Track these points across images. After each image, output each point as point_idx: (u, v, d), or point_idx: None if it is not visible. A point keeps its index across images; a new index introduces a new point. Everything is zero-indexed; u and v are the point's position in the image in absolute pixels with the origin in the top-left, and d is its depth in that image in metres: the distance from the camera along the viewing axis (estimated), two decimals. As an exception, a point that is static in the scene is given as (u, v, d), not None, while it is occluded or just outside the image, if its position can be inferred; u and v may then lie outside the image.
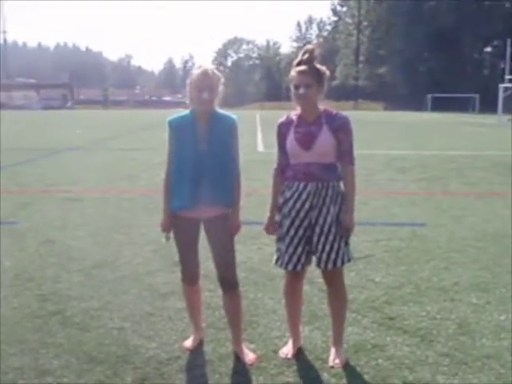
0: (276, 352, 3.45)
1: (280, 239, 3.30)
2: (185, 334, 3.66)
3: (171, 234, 3.37)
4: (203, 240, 3.38)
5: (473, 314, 4.03)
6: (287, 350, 3.44)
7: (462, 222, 6.97)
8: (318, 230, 3.19)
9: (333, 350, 3.37)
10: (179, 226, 3.32)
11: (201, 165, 3.17)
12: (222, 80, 3.24)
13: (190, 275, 3.48)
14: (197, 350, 3.48)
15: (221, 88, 3.21)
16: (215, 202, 3.23)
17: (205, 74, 3.13)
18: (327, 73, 3.19)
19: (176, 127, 3.26)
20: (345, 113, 3.34)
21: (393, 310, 4.10)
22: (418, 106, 62.10)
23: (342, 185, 3.24)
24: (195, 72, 3.17)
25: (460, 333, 3.72)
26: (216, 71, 3.20)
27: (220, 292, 3.46)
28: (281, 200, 3.28)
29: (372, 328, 3.79)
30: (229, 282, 3.35)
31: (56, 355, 3.40)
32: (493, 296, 4.39)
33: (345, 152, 3.19)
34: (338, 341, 3.40)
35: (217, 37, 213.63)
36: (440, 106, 58.37)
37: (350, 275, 4.76)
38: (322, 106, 3.22)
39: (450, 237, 6.22)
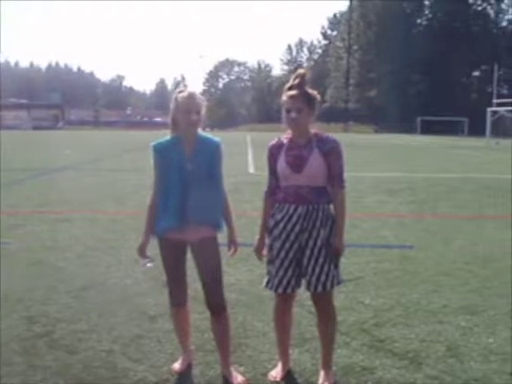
0: (265, 375, 3.44)
1: (270, 262, 3.31)
2: (173, 357, 3.64)
3: (147, 260, 3.38)
4: (191, 261, 3.38)
5: (461, 337, 4.04)
6: (276, 373, 3.43)
7: (451, 245, 7.01)
8: (308, 252, 3.20)
9: (322, 373, 3.37)
10: (166, 249, 3.32)
11: (186, 185, 3.19)
12: (205, 103, 3.28)
13: (178, 298, 3.47)
14: (185, 373, 3.46)
15: (204, 111, 3.25)
16: (201, 222, 3.24)
17: (192, 96, 3.19)
18: (318, 97, 3.24)
19: (161, 150, 3.27)
20: (335, 135, 3.38)
21: (382, 332, 4.11)
22: (407, 128, 62.75)
23: (332, 208, 3.26)
24: (181, 95, 3.20)
25: (449, 355, 3.73)
26: (199, 95, 3.26)
27: (208, 314, 3.45)
28: (271, 222, 3.29)
29: (361, 350, 3.79)
30: (216, 305, 3.34)
31: (44, 378, 3.37)
32: (481, 319, 4.40)
33: (335, 175, 3.22)
34: (327, 363, 3.39)
35: (208, 58, 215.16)
36: (429, 128, 59.03)
37: (339, 297, 4.75)
38: (313, 129, 3.26)
39: (439, 259, 6.25)
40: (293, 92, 3.14)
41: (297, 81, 3.16)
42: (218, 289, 3.33)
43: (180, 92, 3.24)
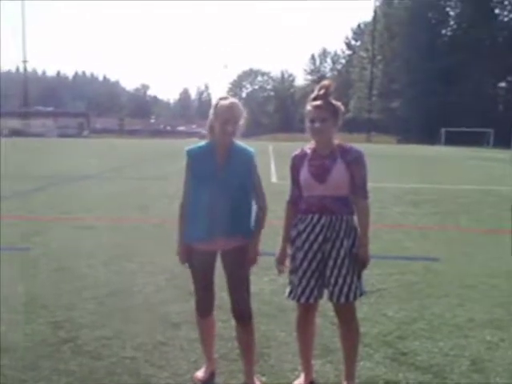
0: (287, 385, 3.44)
1: (293, 272, 3.31)
2: (197, 365, 3.66)
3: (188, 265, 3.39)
4: (218, 270, 3.40)
5: (486, 352, 3.99)
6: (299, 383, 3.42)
7: (474, 258, 6.93)
8: (331, 263, 3.20)
9: (345, 385, 3.35)
10: (195, 258, 3.33)
11: (218, 195, 3.19)
12: (245, 114, 3.28)
13: (205, 307, 3.48)
14: (208, 382, 3.48)
15: (242, 121, 3.25)
16: (232, 233, 3.24)
17: (231, 106, 3.18)
18: (342, 108, 3.25)
19: (194, 157, 3.29)
20: (358, 145, 3.38)
21: (405, 345, 4.08)
22: (431, 139, 62.15)
23: (355, 218, 3.26)
24: (221, 103, 3.18)
25: (473, 370, 3.69)
26: (240, 105, 3.24)
27: (233, 323, 3.47)
28: (294, 233, 3.29)
29: (384, 363, 3.77)
30: (242, 314, 3.35)
31: (68, 383, 3.41)
32: (507, 333, 4.35)
33: (359, 186, 3.22)
34: (350, 376, 3.38)
35: (232, 68, 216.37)
36: (454, 140, 58.37)
37: (362, 309, 4.74)
38: (337, 139, 3.27)
39: (463, 272, 6.18)
40: (318, 102, 3.16)
41: (322, 91, 3.18)
42: (246, 298, 3.35)
43: (221, 99, 3.23)
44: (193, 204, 3.27)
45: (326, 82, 3.25)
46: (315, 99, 3.20)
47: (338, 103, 3.24)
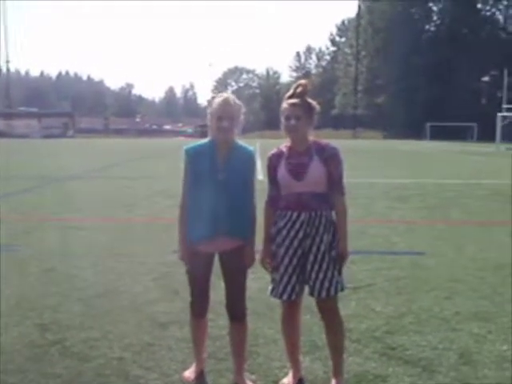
0: (276, 383, 3.43)
1: (274, 269, 3.32)
2: (185, 365, 3.64)
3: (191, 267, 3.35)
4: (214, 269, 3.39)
5: (474, 344, 4.02)
6: (288, 381, 3.42)
7: (462, 251, 6.97)
8: (311, 258, 3.21)
9: (333, 381, 3.35)
10: (194, 260, 3.29)
11: (218, 195, 3.16)
12: (243, 110, 3.25)
13: (200, 309, 3.46)
14: (197, 381, 3.46)
15: (241, 118, 3.22)
16: (233, 233, 3.23)
17: (226, 102, 3.15)
18: (317, 107, 3.28)
19: (193, 156, 3.24)
20: (344, 142, 3.40)
21: (394, 339, 4.09)
22: (416, 134, 62.57)
23: (334, 214, 3.27)
24: (216, 100, 3.16)
25: (462, 363, 3.70)
26: (237, 100, 3.21)
27: (221, 322, 3.47)
28: (274, 230, 3.30)
29: (373, 358, 3.77)
30: (237, 313, 3.36)
31: (55, 386, 3.38)
32: (494, 326, 4.37)
33: (335, 182, 3.24)
34: (338, 371, 3.38)
35: (217, 65, 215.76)
36: (439, 134, 58.82)
37: (350, 304, 4.75)
38: (312, 137, 3.28)
39: (451, 266, 6.22)
40: (293, 100, 3.19)
41: (298, 89, 3.21)
42: (242, 297, 3.36)
43: (216, 96, 3.21)
44: (193, 204, 3.23)
45: (302, 81, 3.28)
46: (291, 97, 3.22)
47: (314, 102, 3.27)
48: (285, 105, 3.22)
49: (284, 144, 3.32)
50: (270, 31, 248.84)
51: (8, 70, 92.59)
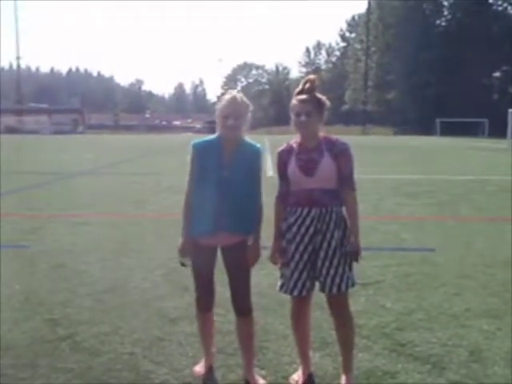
0: (286, 378, 3.44)
1: (284, 265, 3.32)
2: (195, 360, 3.66)
3: (188, 261, 3.35)
4: (218, 264, 3.39)
5: (484, 341, 4.00)
6: (297, 377, 3.43)
7: (472, 248, 6.94)
8: (322, 254, 3.21)
9: (343, 377, 3.36)
10: (197, 254, 3.30)
11: (223, 191, 3.17)
12: (251, 108, 3.25)
13: (205, 303, 3.47)
14: (207, 376, 3.47)
15: (249, 116, 3.22)
16: (235, 229, 3.24)
17: (233, 100, 3.16)
18: (327, 103, 3.26)
19: (200, 151, 3.25)
20: (354, 137, 3.39)
21: (404, 336, 4.08)
22: (427, 130, 62.22)
23: (344, 210, 3.27)
24: (224, 97, 3.18)
25: (472, 360, 3.69)
26: (245, 98, 3.22)
27: (230, 317, 3.47)
28: (284, 226, 3.30)
29: (383, 354, 3.77)
30: (243, 308, 3.36)
31: (66, 380, 3.41)
32: (504, 322, 4.36)
33: (346, 177, 3.23)
34: (347, 367, 3.38)
35: (227, 61, 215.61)
36: (449, 130, 58.42)
37: (360, 300, 4.75)
38: (322, 132, 3.27)
39: (460, 262, 6.19)
40: (303, 96, 3.18)
41: (307, 85, 3.20)
42: (247, 292, 3.35)
43: (224, 93, 3.22)
44: (197, 198, 3.24)
45: (310, 77, 3.27)
46: (300, 93, 3.21)
47: (323, 97, 3.25)
48: (294, 101, 3.21)
49: (294, 140, 3.32)
50: (280, 27, 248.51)
51: (19, 66, 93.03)
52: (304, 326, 3.46)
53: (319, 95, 3.22)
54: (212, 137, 3.31)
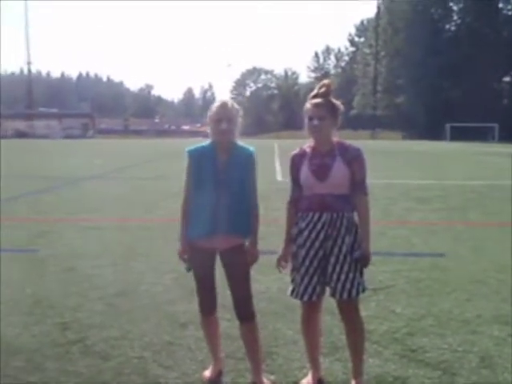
0: None
1: (295, 270, 3.31)
2: (204, 364, 3.66)
3: (192, 265, 3.38)
4: (221, 269, 3.40)
5: (495, 347, 3.97)
6: (307, 382, 3.42)
7: (483, 253, 6.90)
8: (333, 260, 3.20)
9: (353, 383, 3.34)
10: (196, 257, 3.34)
11: (219, 195, 3.21)
12: (241, 113, 3.32)
13: (208, 307, 3.48)
14: (216, 381, 3.47)
15: (239, 120, 3.29)
16: (232, 231, 3.26)
17: (223, 105, 3.23)
18: (341, 107, 3.26)
19: (195, 157, 3.31)
20: (363, 142, 3.38)
21: (414, 341, 4.06)
22: (436, 135, 62.01)
23: (355, 215, 3.26)
24: (215, 105, 3.27)
25: (482, 366, 3.66)
26: (235, 104, 3.30)
27: (238, 322, 3.46)
28: (295, 231, 3.29)
29: (393, 360, 3.75)
30: (245, 313, 3.35)
31: (76, 384, 3.41)
32: (515, 329, 4.32)
33: (358, 183, 3.22)
34: (358, 373, 3.37)
35: (236, 66, 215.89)
36: (459, 135, 58.19)
37: (370, 306, 4.73)
38: (336, 138, 3.27)
39: (471, 268, 6.15)
40: (317, 100, 3.18)
41: (322, 90, 3.20)
42: (248, 297, 3.35)
43: (215, 102, 3.33)
44: (194, 203, 3.29)
45: (326, 81, 3.27)
46: (315, 97, 3.21)
47: (338, 102, 3.24)
48: (308, 105, 3.21)
49: (307, 144, 3.31)
50: (289, 32, 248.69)
51: (29, 71, 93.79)
52: (314, 331, 3.45)
53: (334, 100, 3.22)
54: (206, 143, 3.36)
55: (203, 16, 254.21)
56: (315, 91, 3.23)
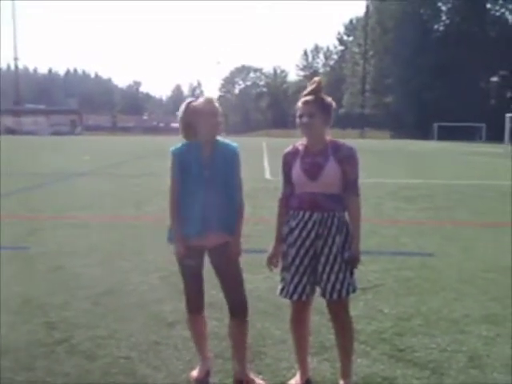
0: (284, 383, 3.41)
1: (285, 269, 3.29)
2: (192, 364, 3.63)
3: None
4: (208, 267, 3.38)
5: (483, 347, 3.98)
6: (295, 382, 3.40)
7: (471, 253, 6.93)
8: (323, 259, 3.18)
9: (341, 383, 3.33)
10: (188, 255, 3.31)
11: (206, 192, 3.20)
12: (221, 112, 3.33)
13: (196, 306, 3.46)
14: (204, 381, 3.44)
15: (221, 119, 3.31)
16: (220, 228, 3.25)
17: (212, 100, 3.25)
18: (333, 104, 3.22)
19: (179, 156, 3.28)
20: (351, 141, 3.36)
21: (402, 341, 4.06)
22: (424, 134, 62.30)
23: (346, 215, 3.24)
24: (200, 101, 3.24)
25: (471, 366, 3.67)
26: (216, 103, 3.30)
27: (227, 321, 3.43)
28: (286, 229, 3.27)
29: (381, 360, 3.75)
30: (240, 310, 3.34)
31: (63, 384, 3.37)
32: (503, 328, 4.34)
33: (350, 183, 3.20)
34: (346, 373, 3.36)
35: (224, 64, 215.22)
36: (447, 134, 58.51)
37: (358, 305, 4.73)
38: (329, 136, 3.25)
39: (459, 267, 6.18)
40: (307, 97, 3.16)
41: (312, 87, 3.17)
42: (238, 292, 3.33)
43: (192, 102, 3.27)
44: (182, 202, 3.27)
45: (316, 78, 3.24)
46: (306, 95, 3.18)
47: (329, 99, 3.21)
48: (298, 103, 3.19)
49: (300, 142, 3.29)
50: (278, 30, 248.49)
51: (16, 67, 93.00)
52: (303, 330, 3.43)
53: (325, 96, 3.19)
54: (188, 141, 3.32)
55: (192, 13, 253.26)
56: (308, 89, 3.20)
